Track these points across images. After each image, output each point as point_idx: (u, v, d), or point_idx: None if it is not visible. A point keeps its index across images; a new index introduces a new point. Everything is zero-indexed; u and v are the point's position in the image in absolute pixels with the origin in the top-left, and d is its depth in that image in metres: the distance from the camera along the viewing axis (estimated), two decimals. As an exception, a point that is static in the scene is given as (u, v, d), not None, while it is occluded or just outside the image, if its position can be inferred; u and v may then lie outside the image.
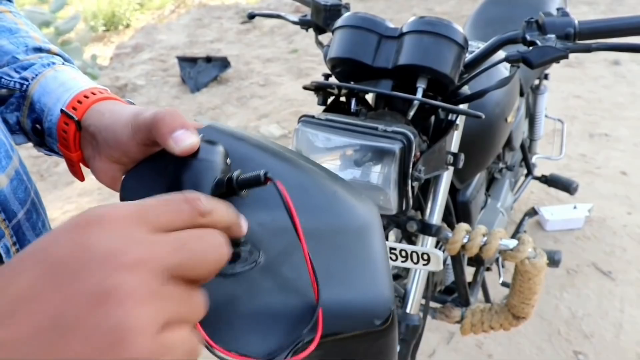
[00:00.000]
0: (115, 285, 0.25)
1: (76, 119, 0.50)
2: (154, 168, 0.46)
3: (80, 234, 0.26)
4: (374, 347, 0.42)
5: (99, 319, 0.24)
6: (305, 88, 0.98)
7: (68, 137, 0.51)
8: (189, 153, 0.40)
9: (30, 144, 0.58)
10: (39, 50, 0.57)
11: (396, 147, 0.81)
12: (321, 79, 0.99)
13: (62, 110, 0.51)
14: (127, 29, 6.14)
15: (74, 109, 0.51)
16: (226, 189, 0.39)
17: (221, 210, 0.33)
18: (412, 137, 0.83)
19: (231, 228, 0.35)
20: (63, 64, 0.57)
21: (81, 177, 0.55)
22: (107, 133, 0.48)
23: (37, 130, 0.54)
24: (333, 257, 0.41)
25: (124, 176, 0.47)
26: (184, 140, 0.40)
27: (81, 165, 0.54)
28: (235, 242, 0.38)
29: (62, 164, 3.06)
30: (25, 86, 0.54)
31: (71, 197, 2.74)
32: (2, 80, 0.54)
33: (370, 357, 0.43)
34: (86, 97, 0.52)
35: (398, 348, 0.45)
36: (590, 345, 1.73)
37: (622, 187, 2.51)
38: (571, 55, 0.89)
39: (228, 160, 0.42)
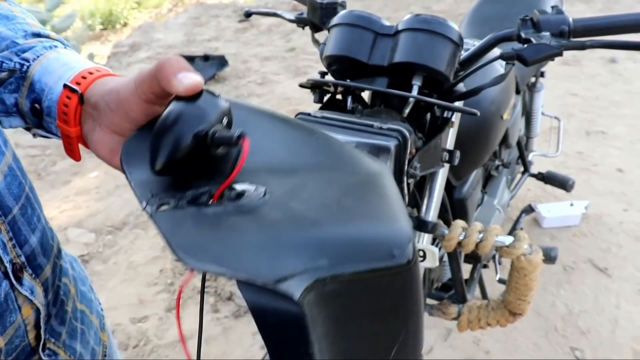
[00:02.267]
0: None
1: (80, 92, 0.50)
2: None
3: None
4: (395, 285, 0.38)
5: None
6: (301, 86, 0.99)
7: (69, 112, 0.51)
8: (194, 92, 0.41)
9: (26, 143, 0.58)
10: (38, 35, 0.57)
11: (391, 144, 0.82)
12: (318, 77, 0.99)
13: (65, 85, 0.51)
14: (125, 28, 6.13)
15: (78, 84, 0.51)
16: (201, 143, 0.38)
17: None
18: (407, 134, 0.83)
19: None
20: (65, 47, 0.57)
21: (78, 156, 0.55)
22: (110, 96, 0.49)
23: (36, 111, 0.54)
24: (345, 193, 0.39)
25: (124, 141, 0.47)
26: (188, 78, 0.41)
27: (79, 145, 0.54)
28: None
29: (60, 163, 3.06)
30: (25, 67, 0.54)
31: (69, 196, 2.74)
32: (3, 64, 0.54)
33: (393, 296, 0.39)
34: (90, 73, 0.52)
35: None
36: (586, 341, 1.74)
37: (618, 185, 2.52)
38: (568, 54, 0.90)
39: (225, 119, 0.41)
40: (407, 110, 0.90)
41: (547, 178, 2.18)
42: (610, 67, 3.78)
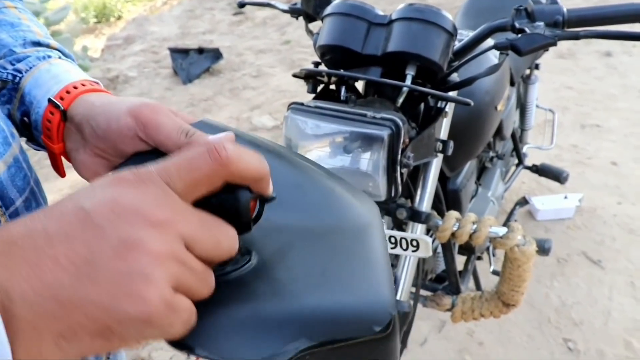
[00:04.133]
0: (140, 238, 0.28)
1: (62, 108, 0.49)
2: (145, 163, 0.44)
3: (114, 190, 0.29)
4: (374, 353, 0.39)
5: (121, 265, 0.27)
6: (294, 76, 0.98)
7: (52, 127, 0.49)
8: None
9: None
10: (37, 44, 0.56)
11: (385, 133, 0.82)
12: (311, 67, 0.99)
13: (49, 100, 0.50)
14: (119, 21, 6.09)
15: (62, 98, 0.49)
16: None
17: (246, 160, 0.32)
18: (400, 123, 0.83)
19: (258, 183, 0.34)
20: (60, 57, 0.56)
21: (62, 173, 0.53)
22: (98, 120, 0.46)
23: (25, 124, 0.53)
24: (329, 259, 0.39)
25: (113, 169, 0.45)
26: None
27: (63, 160, 0.52)
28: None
29: (54, 156, 3.04)
30: (18, 78, 0.53)
31: (63, 190, 2.73)
32: None
33: (374, 356, 0.40)
34: (75, 87, 0.50)
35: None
36: (579, 332, 1.75)
37: (612, 178, 2.53)
38: (563, 47, 0.90)
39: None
40: (400, 100, 0.90)
41: (541, 170, 2.19)
42: (605, 61, 3.79)
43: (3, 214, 0.46)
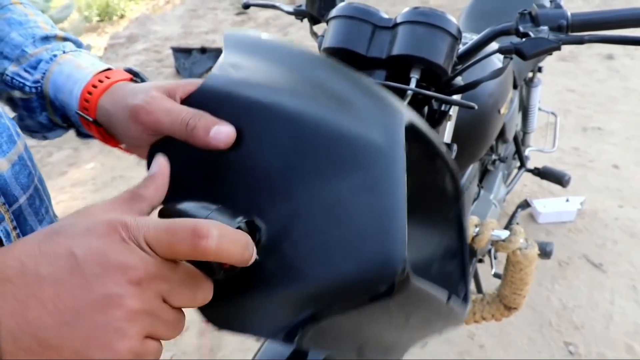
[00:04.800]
0: (121, 295, 0.31)
1: (91, 119, 0.52)
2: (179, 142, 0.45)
3: (105, 243, 0.32)
4: (391, 307, 0.40)
5: (100, 318, 0.30)
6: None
7: (91, 131, 0.55)
8: (229, 144, 0.42)
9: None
10: (45, 39, 0.58)
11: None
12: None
13: (77, 114, 0.53)
14: (122, 20, 6.10)
15: (86, 108, 0.53)
16: None
17: (227, 250, 0.34)
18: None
19: (238, 263, 0.36)
20: (64, 52, 0.58)
21: (115, 144, 0.56)
22: (117, 129, 0.50)
23: (69, 122, 0.58)
24: (333, 221, 0.39)
25: (149, 147, 0.47)
26: (221, 134, 0.42)
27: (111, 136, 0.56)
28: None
29: (56, 154, 3.04)
30: (39, 88, 0.56)
31: (64, 187, 2.74)
32: (14, 81, 0.56)
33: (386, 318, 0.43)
34: (94, 86, 0.53)
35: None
36: (580, 336, 1.75)
37: (614, 181, 2.53)
38: (565, 50, 0.90)
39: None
40: (405, 103, 0.90)
41: (543, 173, 2.19)
42: (607, 64, 3.78)
43: (7, 210, 0.46)
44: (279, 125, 0.41)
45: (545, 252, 1.60)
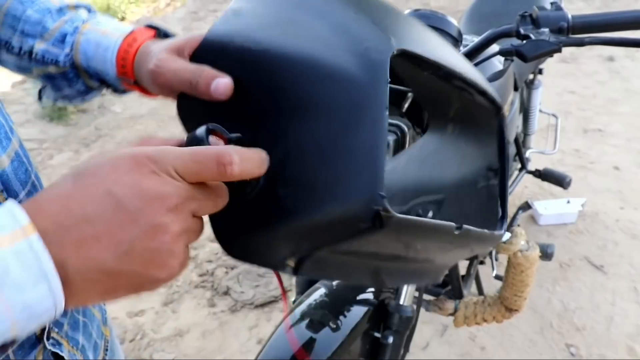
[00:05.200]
0: (164, 223, 0.35)
1: (132, 82, 0.58)
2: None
3: (137, 177, 0.35)
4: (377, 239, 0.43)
5: (151, 244, 0.35)
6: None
7: (132, 88, 0.60)
8: (227, 96, 0.46)
9: (24, 137, 0.60)
10: (60, 11, 0.61)
11: (390, 139, 0.82)
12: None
13: (119, 79, 0.58)
14: (123, 22, 6.10)
15: (124, 73, 0.58)
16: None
17: (248, 168, 0.39)
18: (406, 129, 0.83)
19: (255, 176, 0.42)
20: (84, 21, 0.62)
21: (154, 95, 0.60)
22: (147, 84, 0.55)
23: (107, 84, 0.63)
24: (319, 160, 0.41)
25: (177, 99, 0.51)
26: (219, 87, 0.46)
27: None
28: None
29: (57, 156, 3.05)
30: (70, 60, 0.60)
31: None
32: (46, 57, 0.59)
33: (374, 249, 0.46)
34: (126, 52, 0.57)
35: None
36: (581, 337, 1.75)
37: (615, 182, 2.53)
38: (566, 51, 0.90)
39: None
40: (405, 105, 0.90)
41: (544, 175, 2.18)
42: (608, 65, 3.78)
43: None
44: (270, 71, 0.45)
45: (546, 254, 1.59)
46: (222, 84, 0.46)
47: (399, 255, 0.49)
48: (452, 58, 0.54)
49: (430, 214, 0.42)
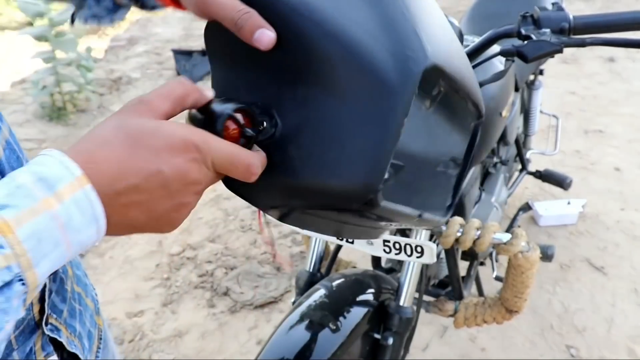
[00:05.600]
0: (189, 201, 0.44)
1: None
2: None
3: (186, 163, 0.42)
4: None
5: (175, 215, 0.44)
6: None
7: (163, 2, 0.60)
8: (268, 47, 0.46)
9: (22, 137, 0.59)
10: None
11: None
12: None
13: None
14: (122, 22, 6.10)
15: None
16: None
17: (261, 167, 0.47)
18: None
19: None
20: None
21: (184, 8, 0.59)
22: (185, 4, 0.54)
23: (137, 2, 0.65)
24: (331, 133, 0.46)
25: (206, 25, 0.52)
26: (263, 38, 0.46)
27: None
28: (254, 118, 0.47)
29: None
30: None
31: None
32: None
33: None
34: None
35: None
36: (582, 339, 1.75)
37: (615, 183, 2.52)
38: (567, 52, 0.90)
39: None
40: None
41: (544, 176, 2.18)
42: (608, 66, 3.78)
43: None
44: (311, 37, 0.45)
45: (546, 255, 1.59)
46: (266, 35, 0.45)
47: (364, 224, 0.57)
48: (463, 67, 0.57)
49: (384, 175, 0.45)
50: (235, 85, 0.51)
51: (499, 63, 1.20)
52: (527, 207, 2.14)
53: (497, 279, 1.53)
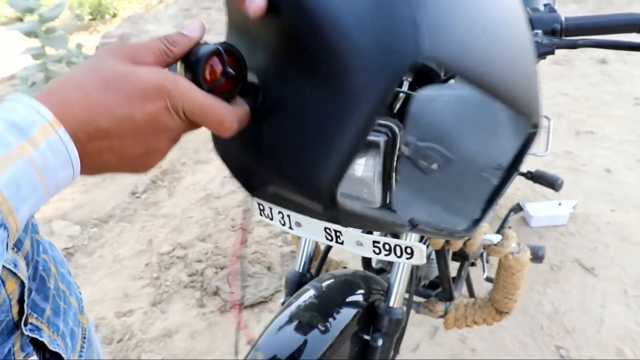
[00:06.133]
0: (163, 147, 0.45)
1: None
2: None
3: (158, 110, 0.42)
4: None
5: (147, 159, 0.45)
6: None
7: None
8: (258, 14, 0.46)
9: None
10: None
11: (381, 139, 0.80)
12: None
13: None
14: (114, 18, 6.07)
15: None
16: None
17: (240, 124, 0.48)
18: (397, 130, 0.82)
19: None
20: None
21: None
22: None
23: None
24: (302, 119, 0.47)
25: None
26: (252, 4, 0.46)
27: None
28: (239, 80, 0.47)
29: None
30: None
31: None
32: None
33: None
34: None
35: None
36: (572, 340, 1.75)
37: (606, 185, 2.53)
38: (559, 54, 0.89)
39: None
40: (397, 106, 0.89)
41: (536, 177, 2.18)
42: (600, 68, 3.80)
43: None
44: (305, 13, 0.44)
45: (537, 256, 1.59)
46: (255, 3, 0.45)
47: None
48: (500, 64, 0.48)
49: (435, 165, 0.44)
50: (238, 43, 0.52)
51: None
52: (518, 208, 2.14)
53: (488, 279, 1.53)
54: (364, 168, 0.86)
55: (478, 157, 0.55)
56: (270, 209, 1.07)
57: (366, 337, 1.04)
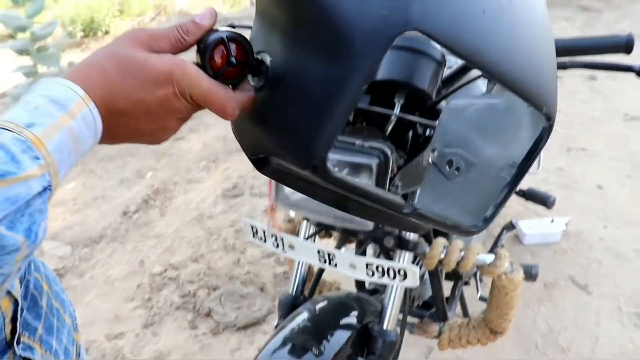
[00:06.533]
0: (173, 126, 0.52)
1: None
2: None
3: (167, 94, 0.48)
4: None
5: (160, 135, 0.52)
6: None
7: None
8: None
9: None
10: None
11: (373, 162, 0.81)
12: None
13: None
14: (106, 36, 6.08)
15: None
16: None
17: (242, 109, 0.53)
18: (389, 152, 0.82)
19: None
20: None
21: None
22: None
23: None
24: (297, 90, 0.49)
25: None
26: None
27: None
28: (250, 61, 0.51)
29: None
30: None
31: (45, 207, 2.69)
32: None
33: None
34: None
35: None
36: (567, 358, 1.74)
37: (598, 201, 2.54)
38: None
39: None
40: (389, 128, 0.89)
41: (528, 195, 2.18)
42: (590, 84, 3.84)
43: None
44: None
45: (530, 275, 1.59)
46: None
47: (348, 197, 0.56)
48: (507, 49, 0.49)
49: (459, 170, 0.44)
50: (258, 35, 0.55)
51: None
52: (511, 226, 2.14)
53: (482, 299, 1.52)
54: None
55: (498, 159, 0.57)
56: (264, 231, 1.06)
57: (360, 359, 1.03)
